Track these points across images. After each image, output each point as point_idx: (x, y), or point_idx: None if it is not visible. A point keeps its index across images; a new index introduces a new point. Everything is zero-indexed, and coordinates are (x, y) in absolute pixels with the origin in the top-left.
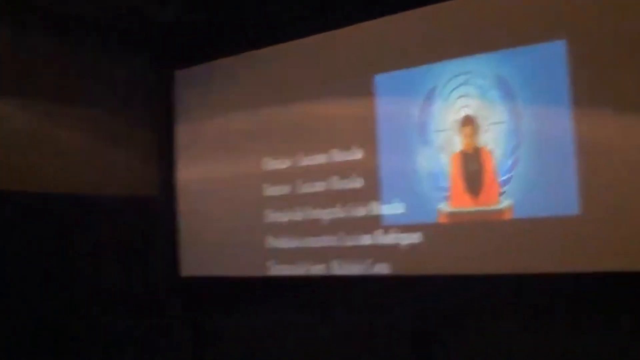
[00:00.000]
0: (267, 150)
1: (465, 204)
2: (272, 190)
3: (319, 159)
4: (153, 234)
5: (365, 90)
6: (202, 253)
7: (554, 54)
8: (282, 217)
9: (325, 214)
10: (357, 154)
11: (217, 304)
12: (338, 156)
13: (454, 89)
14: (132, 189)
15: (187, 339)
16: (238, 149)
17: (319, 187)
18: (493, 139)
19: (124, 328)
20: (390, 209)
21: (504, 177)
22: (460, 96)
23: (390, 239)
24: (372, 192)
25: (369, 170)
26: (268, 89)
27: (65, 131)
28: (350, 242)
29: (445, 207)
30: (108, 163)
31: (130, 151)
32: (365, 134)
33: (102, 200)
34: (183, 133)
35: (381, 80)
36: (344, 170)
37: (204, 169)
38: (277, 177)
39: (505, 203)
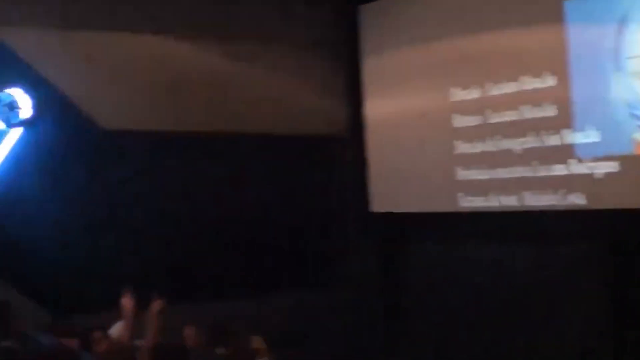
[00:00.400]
0: (456, 81)
1: None
2: (462, 121)
3: (509, 87)
4: (343, 171)
5: (555, 17)
6: (392, 188)
7: None
8: (473, 148)
9: (517, 144)
10: (549, 81)
11: (407, 238)
12: (529, 84)
13: None
14: (322, 127)
15: (377, 274)
16: (426, 81)
17: (509, 116)
18: None
19: (315, 263)
20: (584, 138)
21: None
22: None
23: (584, 168)
24: (565, 120)
25: (562, 98)
26: (454, 19)
27: (255, 71)
28: (542, 172)
29: None
30: (297, 103)
31: (318, 90)
32: (556, 61)
33: (293, 139)
34: (370, 69)
35: (571, 5)
36: (536, 98)
37: (392, 103)
38: (466, 108)
39: None
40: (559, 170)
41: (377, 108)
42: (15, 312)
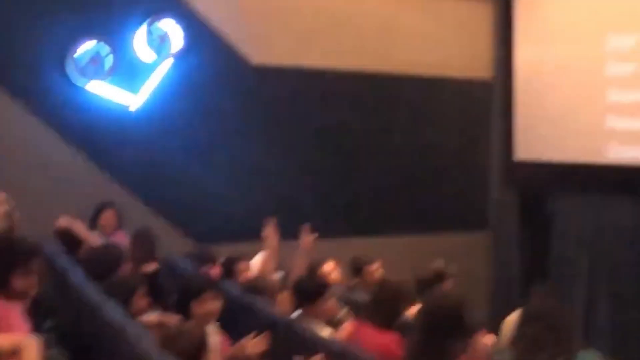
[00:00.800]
0: (612, 27)
1: None
2: (616, 69)
3: None
4: (488, 116)
5: None
6: (537, 136)
7: None
8: (626, 96)
9: None
10: None
11: (551, 188)
12: None
13: None
14: (470, 70)
15: (518, 222)
16: (580, 25)
17: None
18: None
19: (457, 207)
20: None
21: None
22: None
23: None
24: None
25: None
26: None
27: (408, 14)
28: None
29: None
30: (447, 45)
31: (468, 33)
32: None
33: (441, 82)
34: (521, 11)
35: None
36: None
37: (543, 48)
38: (622, 55)
39: None
40: None
41: (527, 52)
42: (159, 238)
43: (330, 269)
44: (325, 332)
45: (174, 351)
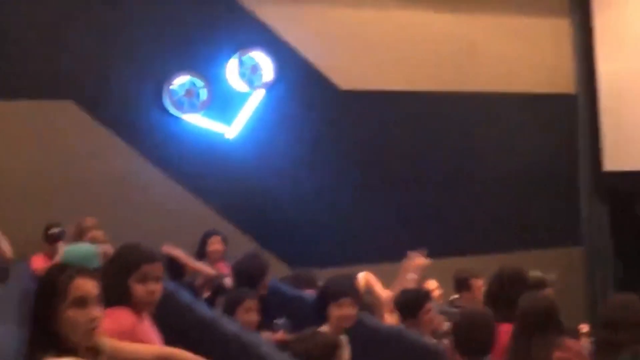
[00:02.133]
0: None
1: None
2: None
3: None
4: (575, 130)
5: None
6: (626, 146)
7: None
8: None
9: None
10: None
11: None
12: None
13: None
14: (553, 84)
15: (609, 233)
16: None
17: None
18: None
19: (546, 221)
20: None
21: None
22: None
23: None
24: None
25: None
26: None
27: (488, 36)
28: None
29: None
30: (528, 60)
31: (547, 47)
32: None
33: (524, 97)
34: (602, 23)
35: None
36: None
37: (625, 59)
38: None
39: None
40: None
41: (610, 65)
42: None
43: (433, 286)
44: None
45: (300, 351)
